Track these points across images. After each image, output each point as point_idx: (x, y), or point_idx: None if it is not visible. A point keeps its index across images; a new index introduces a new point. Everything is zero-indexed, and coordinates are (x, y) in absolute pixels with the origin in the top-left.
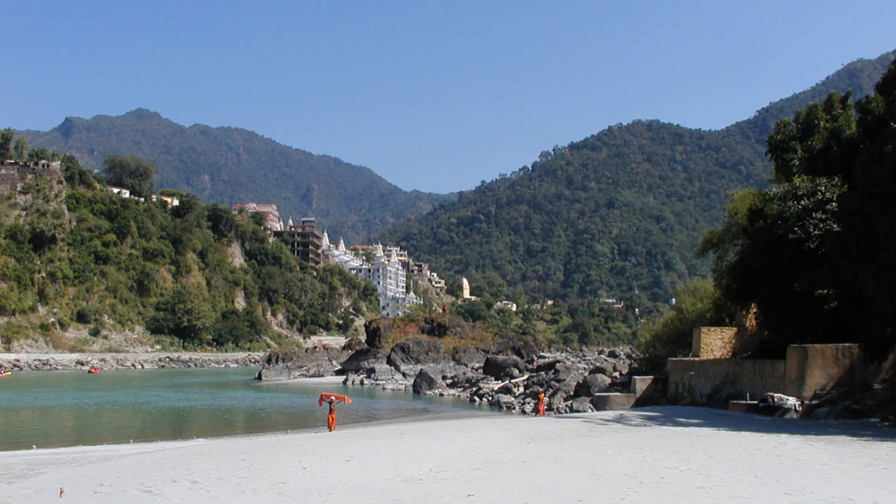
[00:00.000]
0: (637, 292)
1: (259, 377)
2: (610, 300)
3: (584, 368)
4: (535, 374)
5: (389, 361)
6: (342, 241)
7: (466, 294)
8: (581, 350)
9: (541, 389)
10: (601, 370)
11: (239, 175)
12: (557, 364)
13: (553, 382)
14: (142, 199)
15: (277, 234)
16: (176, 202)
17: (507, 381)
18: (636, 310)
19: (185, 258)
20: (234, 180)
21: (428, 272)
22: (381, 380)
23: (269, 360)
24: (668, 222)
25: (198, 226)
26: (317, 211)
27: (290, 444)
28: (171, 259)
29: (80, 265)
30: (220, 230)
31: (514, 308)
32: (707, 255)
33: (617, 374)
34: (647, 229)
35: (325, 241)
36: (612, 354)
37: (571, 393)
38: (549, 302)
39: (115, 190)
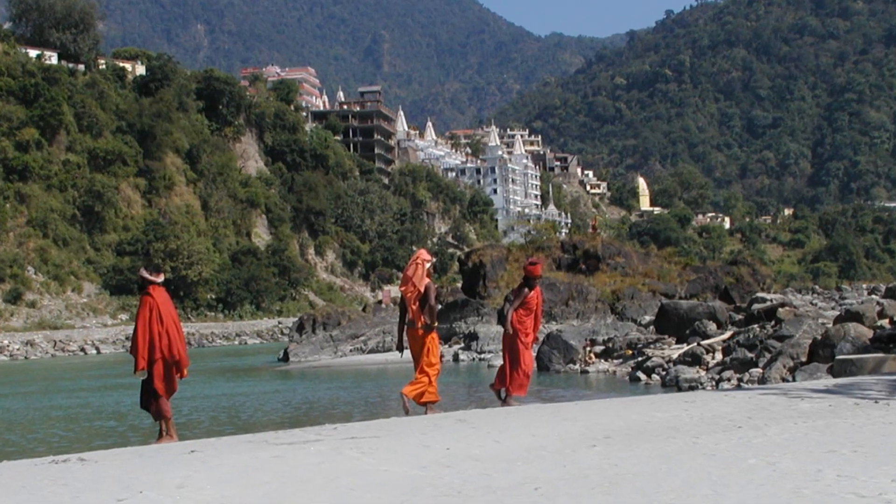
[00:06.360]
0: None
1: (285, 357)
2: (893, 203)
3: (831, 318)
4: (742, 329)
5: (502, 319)
6: (430, 124)
7: (645, 204)
8: (839, 289)
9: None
10: (855, 316)
11: (255, 23)
12: (780, 310)
13: (771, 342)
14: (81, 67)
15: (320, 115)
16: (141, 69)
17: (696, 343)
18: None
19: (163, 164)
20: (246, 31)
21: (579, 170)
22: (489, 350)
23: (300, 329)
24: None
25: (181, 108)
26: (390, 76)
27: None
28: (137, 167)
29: None
30: (220, 114)
31: (726, 224)
32: None
33: (885, 321)
34: None
35: (402, 124)
36: (892, 293)
37: (803, 358)
38: (788, 211)
39: (34, 53)
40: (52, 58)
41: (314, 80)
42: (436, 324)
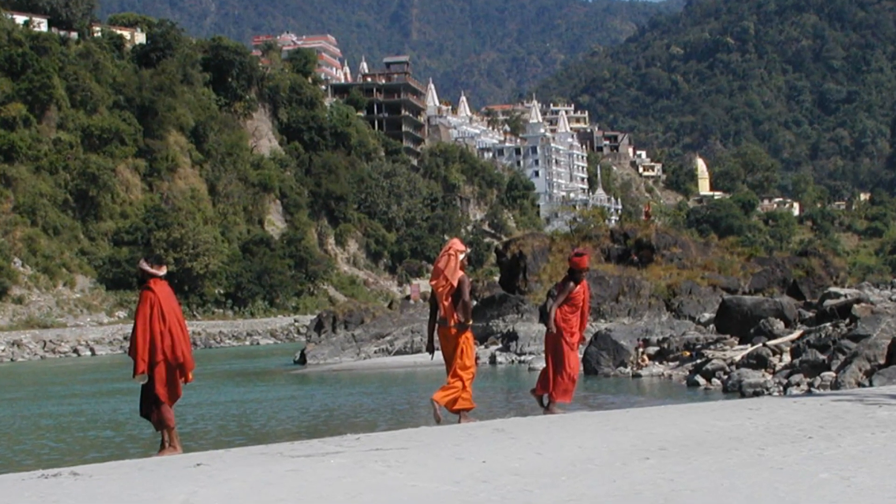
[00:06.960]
0: None
1: (302, 359)
2: None
3: None
4: (813, 328)
5: (544, 317)
6: (463, 99)
7: (705, 188)
8: None
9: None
10: None
11: None
12: (856, 306)
13: (845, 343)
14: (73, 35)
15: (341, 89)
16: (141, 38)
17: (761, 344)
18: None
19: (166, 144)
20: None
21: (630, 150)
22: (530, 352)
23: (318, 328)
24: None
25: (185, 81)
26: (419, 45)
27: None
28: (137, 146)
29: None
30: (229, 88)
31: (795, 210)
32: None
33: None
34: None
35: (432, 98)
36: None
37: (881, 360)
38: (864, 196)
39: (21, 19)
40: (41, 24)
41: (334, 50)
42: (470, 322)
